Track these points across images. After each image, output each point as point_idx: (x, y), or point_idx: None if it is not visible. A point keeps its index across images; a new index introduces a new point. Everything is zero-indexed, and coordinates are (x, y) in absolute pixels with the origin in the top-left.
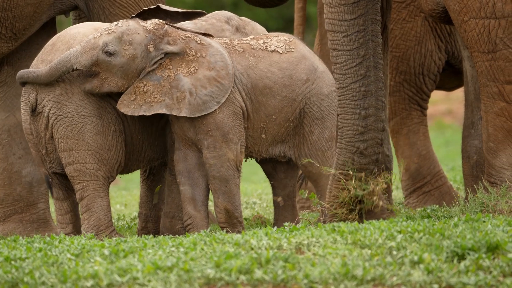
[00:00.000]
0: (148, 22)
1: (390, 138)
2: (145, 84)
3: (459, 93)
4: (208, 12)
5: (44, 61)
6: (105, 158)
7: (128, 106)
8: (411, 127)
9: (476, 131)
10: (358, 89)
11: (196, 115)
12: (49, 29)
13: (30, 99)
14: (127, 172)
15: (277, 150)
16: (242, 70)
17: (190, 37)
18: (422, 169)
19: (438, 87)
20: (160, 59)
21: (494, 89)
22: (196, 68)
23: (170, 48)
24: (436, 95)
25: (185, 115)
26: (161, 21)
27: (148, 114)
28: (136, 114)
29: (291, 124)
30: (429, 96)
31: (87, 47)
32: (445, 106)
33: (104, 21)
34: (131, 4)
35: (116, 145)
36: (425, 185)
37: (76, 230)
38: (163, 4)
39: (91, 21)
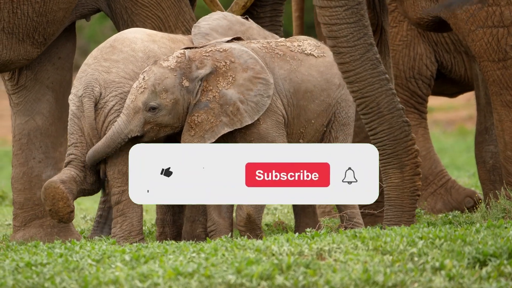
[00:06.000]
0: (170, 58)
1: None
2: (197, 115)
3: None
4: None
5: (108, 60)
6: None
7: (192, 143)
8: None
9: (491, 136)
10: (374, 57)
11: (257, 117)
12: (68, 33)
13: (94, 93)
14: None
15: None
16: (285, 75)
17: (211, 49)
18: (423, 170)
19: (439, 94)
20: (199, 86)
21: (508, 98)
22: (233, 75)
23: (202, 72)
24: (458, 101)
25: (247, 123)
26: (180, 50)
27: (214, 140)
28: None
29: (325, 129)
30: (426, 100)
31: (130, 114)
32: (467, 112)
33: (127, 21)
34: (153, 3)
35: None
36: (429, 185)
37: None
38: (186, 5)
39: (113, 21)
